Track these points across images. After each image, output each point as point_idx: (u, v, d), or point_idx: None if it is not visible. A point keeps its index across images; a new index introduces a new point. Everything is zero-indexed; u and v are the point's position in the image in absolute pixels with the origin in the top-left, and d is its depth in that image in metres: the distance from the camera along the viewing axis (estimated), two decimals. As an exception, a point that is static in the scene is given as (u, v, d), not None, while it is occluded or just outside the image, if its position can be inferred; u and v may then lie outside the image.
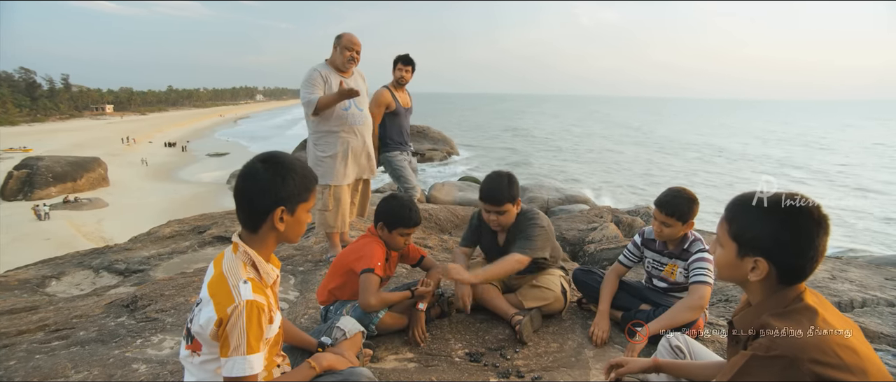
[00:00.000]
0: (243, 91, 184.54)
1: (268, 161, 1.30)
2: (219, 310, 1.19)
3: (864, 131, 69.86)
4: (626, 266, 2.55)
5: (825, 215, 1.02)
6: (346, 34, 3.27)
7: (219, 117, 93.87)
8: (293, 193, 1.30)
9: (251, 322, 1.20)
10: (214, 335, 1.20)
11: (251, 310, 1.20)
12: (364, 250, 2.18)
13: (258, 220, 1.30)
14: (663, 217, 2.22)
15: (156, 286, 3.22)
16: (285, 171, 1.29)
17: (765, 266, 1.05)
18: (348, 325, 1.84)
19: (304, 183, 1.33)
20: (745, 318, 1.12)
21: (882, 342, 2.88)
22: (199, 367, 1.28)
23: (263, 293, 1.27)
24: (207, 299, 1.22)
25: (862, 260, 6.34)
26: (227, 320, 1.18)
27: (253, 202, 1.28)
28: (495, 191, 2.36)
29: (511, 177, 2.41)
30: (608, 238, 5.63)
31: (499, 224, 2.43)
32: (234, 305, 1.19)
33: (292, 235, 1.36)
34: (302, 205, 1.34)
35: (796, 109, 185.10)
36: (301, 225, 1.36)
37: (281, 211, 1.28)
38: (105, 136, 50.54)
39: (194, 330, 1.25)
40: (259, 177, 1.27)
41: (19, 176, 24.48)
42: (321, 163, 3.27)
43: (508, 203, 2.36)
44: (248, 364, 1.20)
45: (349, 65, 3.28)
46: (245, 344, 1.19)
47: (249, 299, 1.20)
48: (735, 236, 1.10)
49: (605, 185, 27.15)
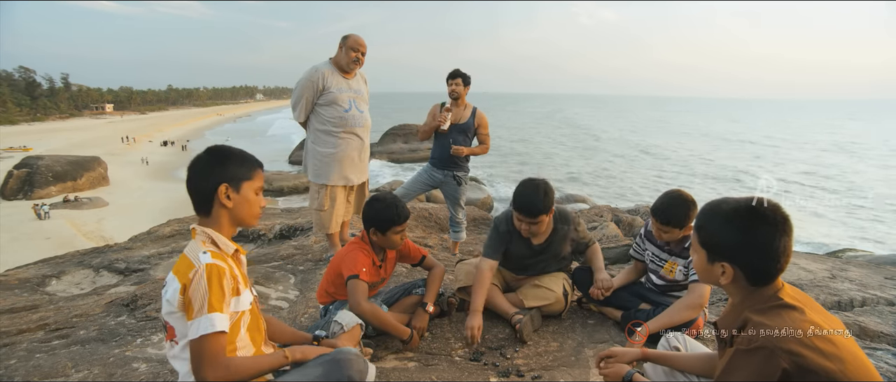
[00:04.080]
0: (243, 90, 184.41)
1: (210, 150, 1.42)
2: (181, 279, 1.26)
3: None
4: (637, 260, 2.56)
5: (785, 216, 1.08)
6: (352, 35, 3.25)
7: (218, 116, 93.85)
8: (234, 172, 1.39)
9: (211, 282, 1.25)
10: (180, 304, 1.26)
11: (211, 272, 1.26)
12: (347, 258, 2.18)
13: (206, 203, 1.38)
14: (660, 225, 2.22)
15: (156, 285, 3.22)
16: (224, 156, 1.40)
17: (730, 270, 1.12)
18: (346, 319, 1.83)
19: (245, 163, 1.42)
20: (727, 318, 1.18)
21: (882, 341, 2.88)
22: (178, 357, 1.31)
23: (224, 260, 1.33)
24: (171, 277, 1.30)
25: (862, 259, 6.35)
26: (190, 285, 1.24)
27: (198, 185, 1.37)
28: (531, 202, 2.28)
29: (547, 187, 2.32)
30: (608, 237, 5.63)
31: (531, 233, 2.38)
32: (195, 270, 1.26)
33: (243, 214, 1.42)
34: (246, 183, 1.41)
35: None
36: (251, 205, 1.43)
37: (225, 188, 1.37)
38: (105, 136, 50.51)
39: (164, 312, 1.30)
40: (201, 163, 1.39)
41: (19, 175, 24.47)
42: (319, 162, 3.27)
43: (543, 214, 2.30)
44: (209, 321, 1.23)
45: (354, 66, 3.27)
46: (207, 304, 1.24)
47: (209, 262, 1.27)
48: (703, 243, 1.17)
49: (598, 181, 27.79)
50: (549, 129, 66.54)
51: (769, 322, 1.02)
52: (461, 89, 3.61)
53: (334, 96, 3.18)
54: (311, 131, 3.32)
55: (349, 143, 3.29)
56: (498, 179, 28.85)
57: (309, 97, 3.18)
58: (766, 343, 0.99)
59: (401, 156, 30.63)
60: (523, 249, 2.51)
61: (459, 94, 3.61)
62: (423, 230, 5.49)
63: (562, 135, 59.43)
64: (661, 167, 34.92)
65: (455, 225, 3.90)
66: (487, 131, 3.79)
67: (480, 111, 3.74)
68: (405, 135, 31.53)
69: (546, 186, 2.33)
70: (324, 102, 3.20)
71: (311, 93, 3.17)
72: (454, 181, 3.72)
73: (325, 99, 3.19)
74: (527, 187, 2.32)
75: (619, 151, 43.37)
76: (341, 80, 3.23)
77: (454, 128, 3.63)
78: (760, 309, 1.08)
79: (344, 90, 3.23)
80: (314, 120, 3.26)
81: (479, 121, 3.72)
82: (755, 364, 0.99)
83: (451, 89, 3.61)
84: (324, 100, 3.19)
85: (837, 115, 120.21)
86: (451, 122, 3.60)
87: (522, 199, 2.30)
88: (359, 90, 3.34)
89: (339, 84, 3.21)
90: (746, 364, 1.01)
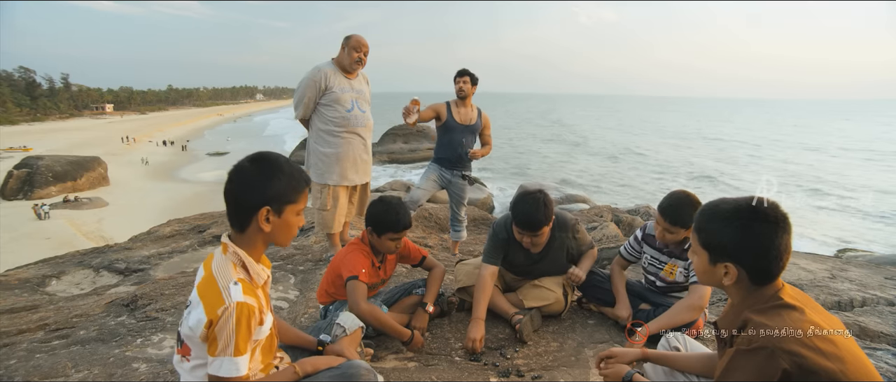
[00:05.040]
0: (243, 90, 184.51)
1: (256, 160, 1.28)
2: (209, 312, 1.18)
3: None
4: (625, 259, 2.55)
5: (784, 214, 1.09)
6: (354, 35, 3.25)
7: (218, 116, 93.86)
8: (280, 193, 1.27)
9: (240, 324, 1.19)
10: (204, 337, 1.20)
11: (241, 312, 1.19)
12: (346, 259, 2.18)
13: (244, 220, 1.27)
14: (667, 224, 2.19)
15: (156, 285, 3.22)
16: (272, 171, 1.27)
17: (734, 270, 1.12)
18: (348, 322, 1.84)
19: (293, 184, 1.29)
20: (727, 318, 1.18)
21: (882, 341, 2.88)
22: (190, 373, 1.27)
23: (254, 294, 1.26)
24: (197, 301, 1.21)
25: (862, 259, 6.35)
26: (217, 321, 1.17)
27: (239, 201, 1.26)
28: (532, 217, 2.23)
29: (546, 199, 2.27)
30: (608, 237, 5.63)
31: (533, 244, 2.35)
32: (225, 307, 1.18)
33: (280, 238, 1.32)
34: (290, 207, 1.30)
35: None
36: (290, 228, 1.33)
37: (266, 212, 1.26)
38: (105, 136, 50.50)
39: (184, 333, 1.24)
40: (245, 176, 1.26)
41: (19, 175, 24.46)
42: (321, 162, 3.27)
43: (544, 226, 2.27)
44: (234, 365, 1.19)
45: (356, 66, 3.28)
46: (233, 346, 1.19)
47: (240, 301, 1.19)
48: (704, 244, 1.17)
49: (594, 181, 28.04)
50: (535, 128, 67.14)
51: (769, 322, 1.02)
52: (469, 88, 3.60)
53: (337, 96, 3.19)
54: (313, 131, 3.32)
55: (351, 143, 3.30)
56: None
57: (311, 96, 3.19)
58: (766, 344, 0.99)
59: (401, 156, 30.62)
60: (521, 258, 2.51)
61: (467, 93, 3.59)
62: (423, 230, 5.49)
63: (550, 133, 60.25)
64: (637, 165, 35.47)
65: (456, 224, 3.90)
66: (490, 132, 3.82)
67: (484, 112, 3.75)
68: (405, 136, 31.51)
69: (545, 198, 2.27)
70: (326, 102, 3.20)
71: (314, 93, 3.18)
72: (464, 180, 3.72)
73: (328, 98, 3.19)
74: (526, 201, 2.27)
75: (597, 149, 44.09)
76: (344, 80, 3.24)
77: (464, 128, 3.62)
78: (761, 309, 1.08)
79: (346, 90, 3.24)
80: (316, 119, 3.27)
81: (484, 122, 3.74)
82: (755, 364, 0.99)
83: (459, 87, 3.59)
84: (326, 99, 3.20)
85: (837, 116, 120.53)
86: (459, 122, 3.59)
87: (522, 215, 2.26)
88: (361, 90, 3.35)
89: (341, 84, 3.22)
90: (747, 365, 1.01)
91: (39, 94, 76.83)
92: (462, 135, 3.60)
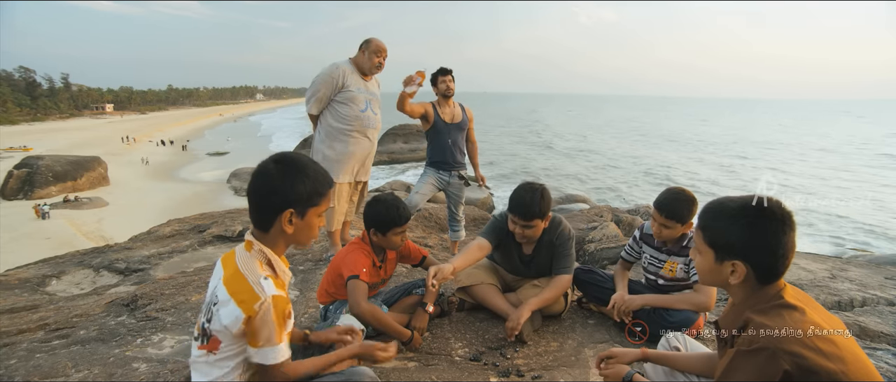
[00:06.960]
0: (243, 90, 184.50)
1: (281, 161, 1.29)
2: (245, 308, 1.20)
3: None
4: (627, 260, 2.56)
5: (789, 212, 1.09)
6: (374, 40, 3.27)
7: (219, 116, 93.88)
8: (303, 196, 1.28)
9: (278, 316, 1.24)
10: (241, 332, 1.23)
11: (277, 305, 1.23)
12: (347, 258, 2.19)
13: (268, 221, 1.29)
14: (662, 219, 2.22)
15: (156, 285, 3.22)
16: (297, 173, 1.27)
17: (743, 268, 1.11)
18: (348, 323, 1.84)
19: (316, 186, 1.30)
20: (727, 318, 1.18)
21: (882, 341, 2.88)
22: (214, 365, 1.27)
23: (284, 289, 1.30)
24: (227, 298, 1.22)
25: (862, 259, 6.35)
26: (256, 316, 1.21)
27: (263, 201, 1.28)
28: (527, 205, 2.25)
29: (544, 192, 2.29)
30: (608, 237, 5.63)
31: (524, 237, 2.35)
32: (262, 301, 1.21)
33: (302, 239, 1.34)
34: (313, 209, 1.31)
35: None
36: (312, 230, 1.34)
37: (289, 214, 1.27)
38: (105, 135, 50.50)
39: (214, 329, 1.24)
40: (270, 177, 1.26)
41: (19, 175, 24.46)
42: (328, 159, 3.28)
43: (538, 219, 2.28)
44: (279, 352, 1.26)
45: (375, 71, 3.31)
46: (275, 336, 1.24)
47: (274, 294, 1.23)
48: (710, 242, 1.16)
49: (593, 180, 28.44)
50: (515, 129, 67.73)
51: (770, 322, 1.02)
52: (454, 85, 3.62)
53: (353, 95, 3.22)
54: (323, 126, 3.31)
55: (359, 142, 3.32)
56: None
57: (325, 92, 3.20)
58: (767, 344, 0.99)
59: (401, 156, 30.60)
60: (513, 258, 2.52)
61: (453, 91, 3.61)
62: (423, 230, 5.50)
63: (527, 132, 61.20)
64: (599, 161, 36.56)
65: (455, 224, 3.91)
66: (473, 125, 3.86)
67: (467, 107, 3.80)
68: (405, 135, 31.49)
69: (543, 190, 2.30)
70: (341, 99, 3.22)
71: (329, 89, 3.19)
72: (461, 181, 3.75)
73: (343, 96, 3.21)
74: (524, 190, 2.29)
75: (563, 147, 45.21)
76: (360, 81, 3.27)
77: (452, 127, 3.64)
78: (762, 309, 1.08)
79: (362, 91, 3.27)
80: (329, 115, 3.27)
81: (469, 116, 3.78)
82: (756, 364, 0.99)
83: (446, 86, 3.58)
84: (341, 97, 3.22)
85: (837, 116, 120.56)
86: (448, 121, 3.61)
87: (518, 202, 2.28)
88: (374, 93, 3.39)
89: (357, 84, 3.25)
90: (747, 365, 1.01)
91: (39, 94, 76.87)
92: (451, 134, 3.63)
